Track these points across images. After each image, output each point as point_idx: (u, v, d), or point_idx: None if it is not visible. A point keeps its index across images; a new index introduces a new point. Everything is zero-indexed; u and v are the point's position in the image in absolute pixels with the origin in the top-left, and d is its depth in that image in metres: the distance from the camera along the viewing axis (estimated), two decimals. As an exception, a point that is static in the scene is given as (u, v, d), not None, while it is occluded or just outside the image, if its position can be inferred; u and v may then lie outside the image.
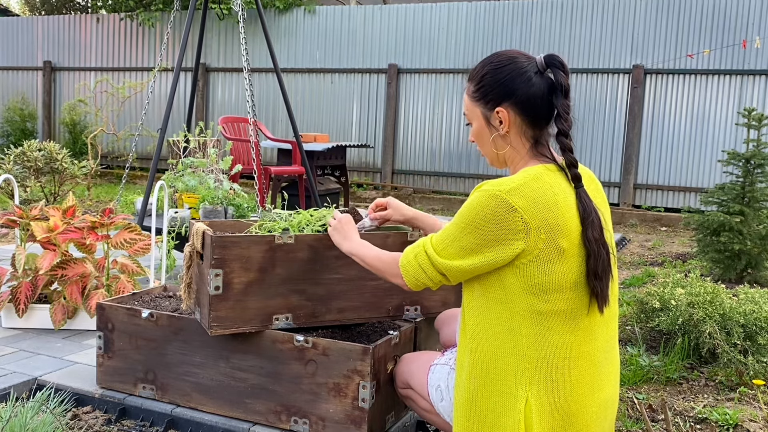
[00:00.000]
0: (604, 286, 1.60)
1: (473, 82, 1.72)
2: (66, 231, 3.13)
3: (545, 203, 1.55)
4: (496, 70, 1.67)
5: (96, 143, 8.95)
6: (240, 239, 2.13)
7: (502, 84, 1.65)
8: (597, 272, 1.58)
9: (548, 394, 1.58)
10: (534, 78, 1.64)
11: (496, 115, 1.67)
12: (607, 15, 8.58)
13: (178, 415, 2.33)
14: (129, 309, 2.43)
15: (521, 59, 1.67)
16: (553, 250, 1.55)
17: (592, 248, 1.57)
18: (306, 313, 2.22)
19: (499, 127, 1.68)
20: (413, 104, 9.58)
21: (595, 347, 1.63)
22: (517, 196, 1.55)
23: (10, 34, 12.18)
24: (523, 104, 1.65)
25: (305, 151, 5.85)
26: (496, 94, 1.66)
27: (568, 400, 1.59)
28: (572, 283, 1.58)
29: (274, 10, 10.20)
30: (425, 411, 1.95)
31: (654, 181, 8.48)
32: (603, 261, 1.58)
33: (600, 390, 1.65)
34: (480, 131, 1.73)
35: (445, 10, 9.40)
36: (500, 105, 1.66)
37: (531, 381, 1.57)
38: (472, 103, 1.72)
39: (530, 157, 1.68)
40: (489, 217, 1.56)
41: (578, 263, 1.58)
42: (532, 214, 1.54)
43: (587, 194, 1.61)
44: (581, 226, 1.58)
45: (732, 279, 4.63)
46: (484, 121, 1.71)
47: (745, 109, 4.77)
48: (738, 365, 2.94)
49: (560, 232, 1.55)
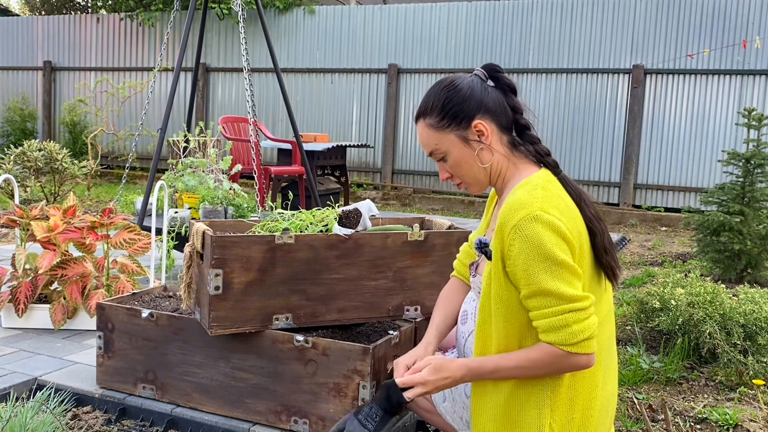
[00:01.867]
0: (614, 259, 1.63)
1: (433, 114, 1.68)
2: (66, 231, 3.13)
3: (565, 210, 1.56)
4: (455, 91, 1.67)
5: (96, 143, 8.95)
6: (240, 239, 2.13)
7: (467, 100, 1.66)
8: (605, 247, 1.60)
9: (566, 413, 1.60)
10: (487, 86, 1.69)
11: (473, 130, 1.66)
12: (607, 15, 8.57)
13: (178, 415, 2.33)
14: (129, 309, 2.43)
15: (466, 77, 1.71)
16: (580, 254, 1.56)
17: (593, 226, 1.59)
18: (306, 313, 2.22)
19: (482, 139, 1.67)
20: (413, 104, 9.57)
21: (600, 347, 1.64)
22: (550, 207, 1.54)
23: (10, 34, 12.18)
24: (493, 111, 1.67)
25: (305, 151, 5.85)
26: (467, 111, 1.66)
27: (583, 409, 1.61)
28: (588, 281, 1.59)
29: (274, 10, 10.20)
30: (426, 411, 1.95)
31: (654, 181, 8.48)
32: (606, 235, 1.61)
33: (604, 386, 1.67)
34: (460, 156, 1.69)
35: (445, 10, 9.40)
36: (474, 119, 1.66)
37: (552, 408, 1.59)
38: (441, 133, 1.68)
39: (515, 160, 1.70)
40: (548, 237, 1.51)
41: (589, 254, 1.60)
42: (566, 222, 1.54)
43: (569, 177, 1.66)
44: (578, 209, 1.60)
45: (732, 279, 4.63)
46: (462, 143, 1.68)
47: (745, 109, 4.77)
48: (738, 365, 2.94)
49: (581, 233, 1.58)
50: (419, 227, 2.46)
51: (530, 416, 1.58)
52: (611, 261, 1.62)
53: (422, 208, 9.12)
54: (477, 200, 8.93)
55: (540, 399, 1.58)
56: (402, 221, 2.59)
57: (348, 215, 2.25)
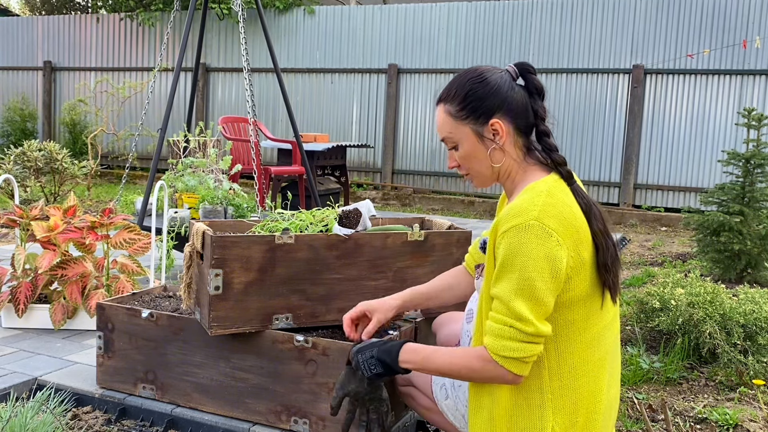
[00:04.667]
0: (615, 277, 1.60)
1: (455, 102, 1.66)
2: (66, 231, 3.13)
3: (568, 218, 1.54)
4: (480, 84, 1.64)
5: (96, 143, 8.95)
6: (240, 239, 2.13)
7: (490, 96, 1.63)
8: (606, 264, 1.57)
9: (570, 416, 1.58)
10: (515, 86, 1.65)
11: (489, 128, 1.64)
12: (607, 15, 8.57)
13: (178, 415, 2.33)
14: (129, 309, 2.43)
15: (496, 71, 1.67)
16: (578, 265, 1.54)
17: (599, 241, 1.57)
18: (306, 313, 2.22)
19: (496, 139, 1.65)
20: (413, 104, 9.58)
21: (606, 351, 1.63)
22: (547, 217, 1.51)
23: (10, 34, 12.18)
24: (513, 112, 1.64)
25: (305, 151, 5.84)
26: (487, 107, 1.64)
27: (586, 412, 1.60)
28: (589, 288, 1.57)
29: (274, 10, 10.20)
30: (426, 409, 1.95)
31: (654, 181, 8.48)
32: (611, 252, 1.58)
33: (608, 390, 1.66)
34: (472, 150, 1.68)
35: (445, 10, 9.40)
36: (493, 117, 1.64)
37: (555, 410, 1.58)
38: (458, 123, 1.67)
39: (526, 165, 1.67)
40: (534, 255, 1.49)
41: (593, 266, 1.57)
42: (563, 234, 1.51)
43: (582, 189, 1.63)
44: (587, 222, 1.57)
45: (732, 279, 4.63)
46: (476, 138, 1.66)
47: (745, 109, 4.77)
48: (738, 365, 2.94)
49: (582, 243, 1.54)
50: (419, 227, 2.46)
51: (533, 418, 1.58)
52: (611, 280, 1.59)
53: (422, 208, 9.12)
54: (477, 200, 8.93)
55: (542, 402, 1.57)
56: (402, 221, 2.59)
57: (348, 215, 2.25)
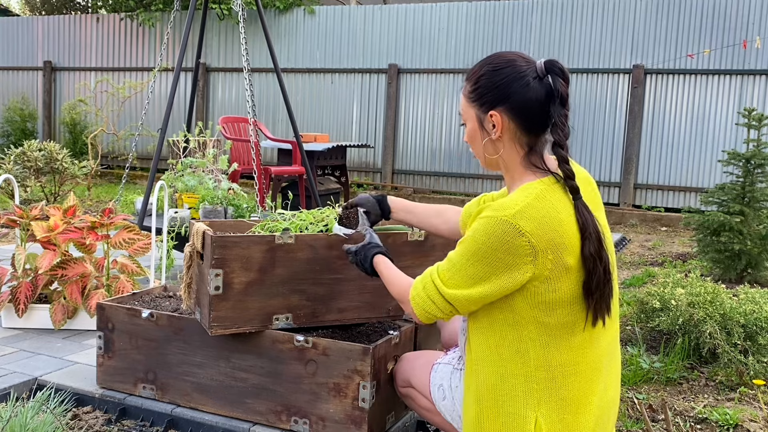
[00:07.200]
0: (599, 302, 1.56)
1: (470, 82, 1.67)
2: (66, 231, 3.13)
3: (550, 224, 1.51)
4: (494, 72, 1.62)
5: (96, 143, 8.95)
6: (240, 239, 2.13)
7: (499, 87, 1.61)
8: (591, 289, 1.55)
9: (557, 412, 1.57)
10: (532, 83, 1.58)
11: (489, 119, 1.63)
12: (607, 15, 8.57)
13: (179, 415, 2.33)
14: (129, 309, 2.43)
15: (520, 62, 1.61)
16: (560, 269, 1.53)
17: (587, 265, 1.54)
18: (306, 313, 2.22)
19: (492, 131, 1.64)
20: (413, 104, 9.58)
21: (600, 353, 1.63)
22: (524, 219, 1.50)
23: (10, 34, 12.18)
24: (517, 110, 1.60)
25: (305, 151, 5.84)
26: (492, 97, 1.62)
27: (576, 412, 1.59)
28: (578, 294, 1.56)
29: (274, 10, 10.20)
30: (425, 410, 1.95)
31: (654, 181, 8.48)
32: (599, 278, 1.55)
33: (604, 391, 1.65)
34: (473, 133, 1.69)
35: (445, 10, 9.40)
36: (494, 108, 1.62)
37: (540, 401, 1.57)
38: (468, 104, 1.68)
39: (525, 165, 1.64)
40: (497, 244, 1.51)
41: (582, 275, 1.56)
42: (539, 237, 1.50)
43: (586, 206, 1.57)
44: (581, 240, 1.55)
45: (732, 279, 4.63)
46: (477, 123, 1.67)
47: (745, 109, 4.77)
48: (738, 365, 2.94)
49: (566, 249, 1.52)
50: (419, 227, 2.45)
51: (516, 406, 1.57)
52: (595, 304, 1.56)
53: (422, 208, 9.11)
54: (477, 200, 8.92)
55: (527, 390, 1.57)
56: (402, 221, 2.58)
57: (348, 215, 2.24)
